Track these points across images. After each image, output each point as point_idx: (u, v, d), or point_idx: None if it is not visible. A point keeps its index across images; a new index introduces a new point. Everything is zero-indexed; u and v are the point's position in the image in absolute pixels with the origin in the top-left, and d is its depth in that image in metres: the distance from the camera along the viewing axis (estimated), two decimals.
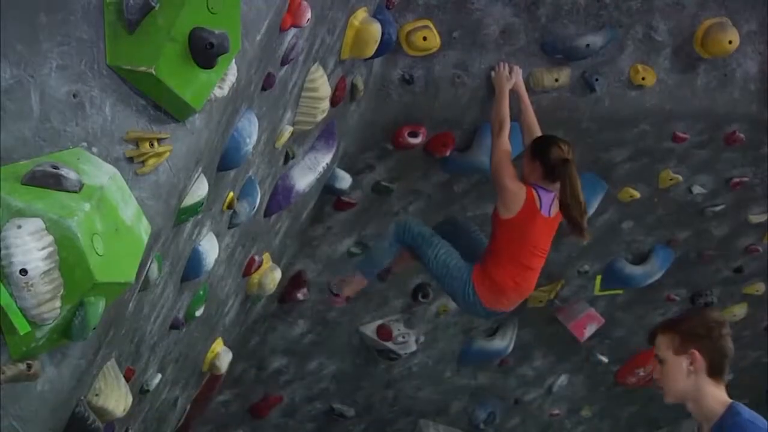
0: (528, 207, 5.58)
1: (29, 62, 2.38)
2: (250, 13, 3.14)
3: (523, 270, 5.76)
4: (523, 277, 5.80)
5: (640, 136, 6.60)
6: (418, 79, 5.75)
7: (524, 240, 5.69)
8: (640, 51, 6.07)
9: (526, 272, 5.79)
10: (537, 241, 5.73)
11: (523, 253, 5.71)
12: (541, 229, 5.70)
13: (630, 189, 7.23)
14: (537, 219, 5.62)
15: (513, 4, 5.70)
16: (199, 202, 3.32)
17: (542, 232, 5.73)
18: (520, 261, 5.72)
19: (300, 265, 6.81)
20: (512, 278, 5.76)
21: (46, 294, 2.28)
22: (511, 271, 5.74)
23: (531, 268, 5.80)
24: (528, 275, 5.82)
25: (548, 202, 5.63)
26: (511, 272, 5.74)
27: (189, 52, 2.72)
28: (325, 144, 5.36)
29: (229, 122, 3.44)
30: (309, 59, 4.38)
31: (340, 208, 6.50)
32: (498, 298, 5.84)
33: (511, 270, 5.73)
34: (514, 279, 5.77)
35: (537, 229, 5.68)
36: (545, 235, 5.76)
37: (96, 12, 2.57)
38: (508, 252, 5.71)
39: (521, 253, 5.71)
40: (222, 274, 4.67)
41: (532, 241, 5.71)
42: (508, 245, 5.71)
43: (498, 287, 5.78)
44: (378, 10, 5.18)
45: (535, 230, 5.68)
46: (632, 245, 8.00)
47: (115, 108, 2.66)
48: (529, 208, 5.58)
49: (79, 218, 2.31)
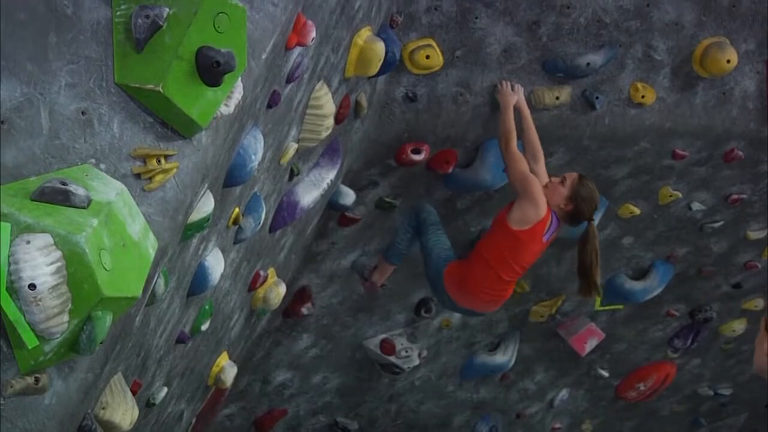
0: (537, 229, 5.61)
1: (39, 80, 2.39)
2: (256, 32, 3.15)
3: (499, 282, 5.82)
4: (497, 288, 5.87)
5: (640, 154, 6.60)
6: (421, 97, 5.76)
7: (517, 256, 5.73)
8: (640, 70, 6.09)
9: (501, 284, 5.85)
10: (527, 260, 5.80)
11: (507, 267, 5.76)
12: (536, 251, 5.77)
13: (630, 205, 7.23)
14: (537, 242, 5.67)
15: (515, 23, 5.72)
16: (205, 218, 3.32)
17: (535, 254, 5.80)
18: (499, 274, 5.77)
19: (304, 280, 6.81)
20: (485, 287, 5.84)
21: (54, 308, 2.28)
22: (486, 281, 5.80)
23: (507, 281, 5.86)
24: (503, 287, 5.89)
25: (553, 229, 5.71)
26: (486, 281, 5.80)
27: (196, 70, 2.74)
28: (330, 160, 5.37)
29: (235, 139, 3.45)
30: (314, 77, 4.39)
31: (344, 223, 6.50)
32: (468, 299, 5.93)
33: (488, 280, 5.80)
34: (487, 288, 5.84)
35: (533, 250, 5.74)
36: (535, 256, 5.84)
37: (105, 31, 2.58)
38: (494, 261, 5.75)
39: (505, 267, 5.75)
40: (227, 288, 4.67)
41: (523, 260, 5.77)
42: (498, 254, 5.74)
43: (467, 290, 5.87)
44: (382, 29, 5.20)
45: (531, 251, 5.74)
46: (632, 261, 7.99)
47: (123, 125, 2.67)
48: (538, 231, 5.62)
49: (87, 234, 2.32)
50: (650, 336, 9.01)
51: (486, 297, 5.93)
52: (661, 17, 5.95)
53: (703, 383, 10.07)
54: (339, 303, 7.15)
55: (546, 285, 7.85)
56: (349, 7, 4.46)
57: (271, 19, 3.23)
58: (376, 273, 6.67)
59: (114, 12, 2.61)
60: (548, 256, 7.45)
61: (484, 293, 5.89)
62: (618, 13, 5.85)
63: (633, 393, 9.53)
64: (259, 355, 7.09)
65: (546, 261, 7.54)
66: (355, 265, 6.86)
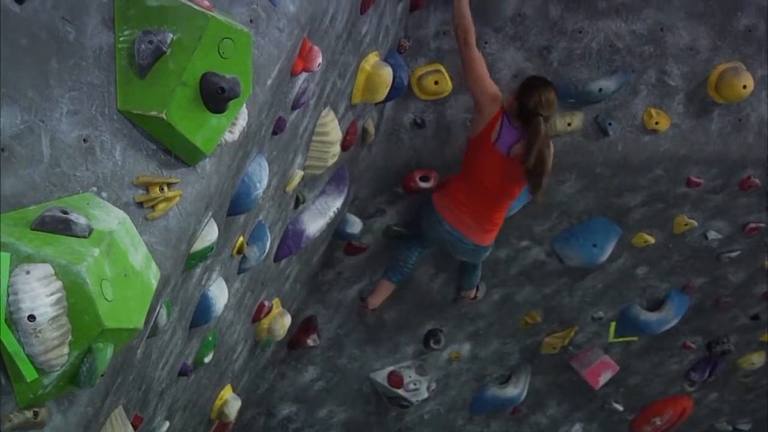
0: (485, 132, 5.52)
1: (40, 107, 2.40)
2: (261, 58, 3.17)
3: (475, 197, 5.76)
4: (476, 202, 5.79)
5: (654, 181, 6.59)
6: (430, 123, 5.78)
7: (475, 168, 5.67)
8: (654, 95, 6.09)
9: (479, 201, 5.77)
10: (486, 172, 5.66)
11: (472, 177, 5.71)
12: (492, 162, 5.59)
13: (644, 234, 7.22)
14: (488, 149, 5.54)
15: (525, 48, 5.74)
16: (209, 247, 3.33)
17: (493, 166, 5.61)
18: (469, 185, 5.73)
19: (310, 311, 6.80)
20: (465, 195, 5.78)
21: (54, 340, 2.28)
22: (464, 189, 5.77)
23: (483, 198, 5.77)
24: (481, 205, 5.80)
25: (509, 139, 5.52)
26: (464, 190, 5.77)
27: (200, 96, 2.75)
28: (336, 188, 5.38)
29: (240, 167, 3.46)
30: (320, 103, 4.41)
31: (351, 252, 6.50)
32: (452, 210, 5.86)
33: (465, 188, 5.76)
34: (468, 203, 5.79)
35: (488, 160, 5.58)
36: (497, 170, 5.63)
37: (107, 57, 2.60)
38: (464, 172, 5.73)
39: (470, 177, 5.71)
40: (231, 319, 4.67)
41: (483, 172, 5.66)
42: (465, 167, 5.72)
43: (451, 197, 5.83)
44: (389, 55, 5.22)
45: (486, 161, 5.60)
46: (647, 291, 7.96)
47: (125, 152, 2.68)
48: (486, 134, 5.53)
49: (88, 264, 2.32)
50: (666, 369, 8.96)
51: (469, 213, 5.84)
52: (675, 42, 5.97)
53: (721, 418, 10.00)
54: (345, 334, 7.14)
55: (558, 316, 7.82)
56: (356, 32, 4.48)
57: (276, 44, 3.25)
58: (373, 294, 6.59)
59: (117, 37, 2.62)
60: (559, 286, 7.45)
61: (468, 208, 5.82)
62: (631, 38, 5.87)
63: (648, 428, 9.47)
64: (264, 388, 7.07)
65: (558, 291, 7.52)
66: (362, 295, 6.85)
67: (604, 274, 7.52)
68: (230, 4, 3.01)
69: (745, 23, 6.05)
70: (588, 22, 5.78)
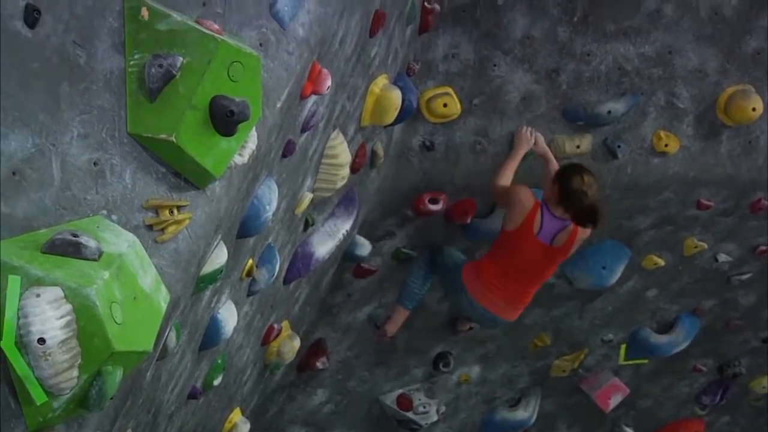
0: (526, 225, 5.54)
1: (51, 131, 2.42)
2: (271, 81, 3.18)
3: (509, 279, 5.81)
4: (509, 284, 5.84)
5: (664, 204, 6.59)
6: (439, 146, 5.79)
7: (515, 256, 5.70)
8: (663, 118, 6.10)
9: (512, 283, 5.83)
10: (527, 262, 5.72)
11: (511, 264, 5.74)
12: (534, 252, 5.65)
13: (654, 257, 7.20)
14: (530, 241, 5.59)
15: (534, 71, 5.75)
16: (219, 270, 3.33)
17: (534, 256, 5.68)
18: (506, 269, 5.77)
19: (319, 333, 6.79)
20: (498, 283, 5.81)
21: (64, 363, 2.28)
22: (498, 276, 5.79)
23: (515, 278, 5.82)
24: (515, 288, 5.86)
25: (552, 229, 5.57)
26: (498, 276, 5.79)
27: (210, 119, 2.76)
28: (345, 211, 5.38)
29: (249, 189, 3.46)
30: (329, 126, 4.42)
31: (360, 275, 6.49)
32: (481, 290, 5.88)
33: (499, 275, 5.79)
34: (500, 284, 5.81)
35: (530, 250, 5.64)
36: (539, 260, 5.72)
37: (118, 81, 2.61)
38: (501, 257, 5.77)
39: (509, 263, 5.74)
40: (240, 342, 4.66)
41: (522, 259, 5.71)
42: (501, 252, 5.77)
43: (483, 280, 5.84)
44: (398, 77, 5.24)
45: (528, 251, 5.65)
46: (657, 314, 7.94)
47: (135, 176, 2.69)
48: (526, 227, 5.55)
49: (98, 287, 2.32)
50: (677, 392, 8.91)
51: (501, 294, 5.88)
52: (683, 64, 5.98)
53: None
54: (355, 357, 7.12)
55: (568, 338, 7.80)
56: (365, 55, 4.49)
57: (285, 67, 3.27)
58: (389, 322, 6.63)
59: (127, 61, 2.64)
60: (569, 308, 7.43)
61: (498, 288, 5.85)
62: (639, 61, 5.88)
63: None
64: (273, 411, 7.06)
65: (567, 314, 7.50)
66: (371, 317, 6.85)
67: (614, 297, 7.50)
68: (240, 27, 3.03)
69: (753, 46, 6.06)
70: (596, 45, 5.79)
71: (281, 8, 3.18)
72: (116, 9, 2.60)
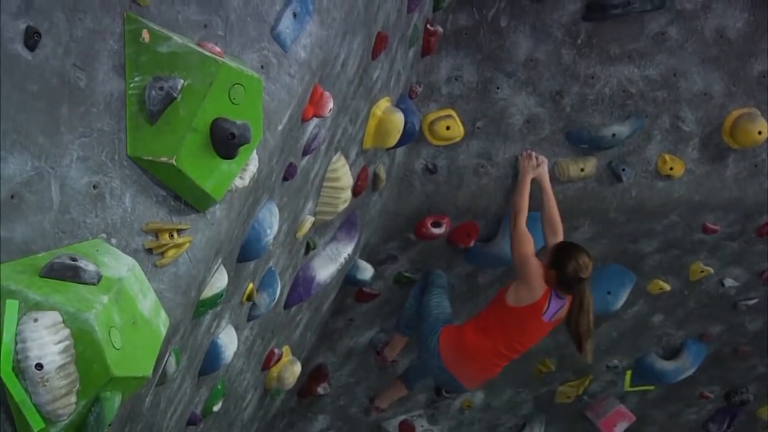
0: (535, 308, 5.59)
1: (50, 154, 2.42)
2: (272, 104, 3.19)
3: (495, 354, 5.79)
4: (492, 361, 5.84)
5: (670, 228, 6.59)
6: (442, 169, 5.80)
7: (514, 332, 5.71)
8: (668, 141, 6.11)
9: (496, 357, 5.82)
10: (524, 338, 5.77)
11: (504, 341, 5.74)
12: (535, 329, 5.73)
13: (660, 281, 7.20)
14: (536, 321, 5.64)
15: (537, 93, 5.77)
16: (219, 294, 3.33)
17: (534, 333, 5.77)
18: (496, 345, 5.74)
19: (320, 359, 6.78)
20: (480, 356, 5.79)
21: (62, 389, 2.28)
22: (483, 349, 5.76)
23: (504, 355, 5.82)
24: (496, 361, 5.86)
25: (555, 309, 5.63)
26: (483, 350, 5.76)
27: (210, 142, 2.76)
28: (347, 234, 5.39)
29: (250, 213, 3.47)
30: (331, 149, 4.43)
31: (362, 299, 6.49)
32: (459, 366, 5.85)
33: (484, 348, 5.76)
34: (482, 357, 5.79)
35: (531, 328, 5.71)
36: (535, 336, 5.80)
37: (118, 103, 2.62)
38: (491, 331, 5.73)
39: (503, 339, 5.73)
40: (241, 367, 4.65)
41: (522, 337, 5.75)
42: (495, 325, 5.73)
43: (462, 354, 5.80)
44: (401, 100, 5.25)
45: (529, 329, 5.72)
46: (663, 339, 7.92)
47: (135, 199, 2.69)
48: (535, 310, 5.60)
49: (97, 311, 2.32)
50: (684, 419, 8.88)
51: (477, 366, 5.88)
52: (689, 87, 5.99)
53: None
54: (356, 382, 7.11)
55: (572, 364, 7.78)
56: (368, 77, 4.51)
57: (287, 90, 3.27)
58: (388, 347, 6.63)
59: (127, 84, 2.65)
60: None
61: (478, 362, 5.84)
62: (644, 83, 5.90)
63: None
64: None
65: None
66: (373, 342, 6.84)
67: (619, 322, 7.49)
68: (241, 50, 3.04)
69: (759, 69, 6.08)
70: (600, 68, 5.81)
71: (283, 30, 3.20)
72: (117, 31, 2.61)
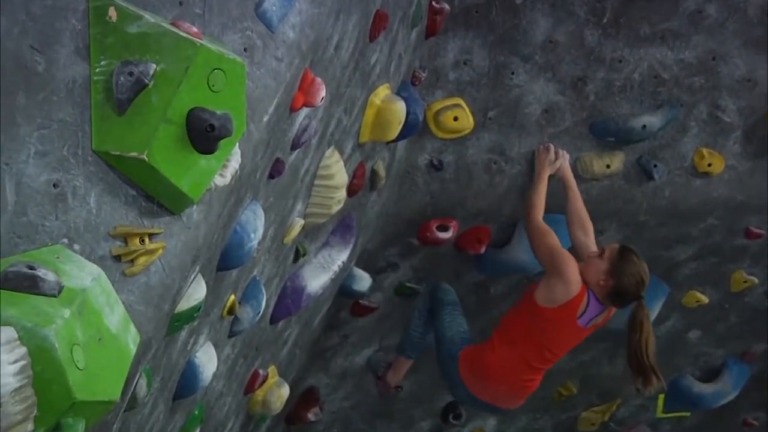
0: (570, 307, 5.52)
1: (4, 148, 2.42)
2: (257, 91, 3.20)
3: (524, 369, 5.74)
4: (522, 377, 5.78)
5: (708, 232, 6.59)
6: (449, 165, 5.80)
7: (546, 339, 5.66)
8: (706, 133, 6.11)
9: (527, 371, 5.76)
10: (558, 346, 5.72)
11: (535, 351, 5.68)
12: (569, 336, 5.68)
13: (696, 293, 7.20)
14: (570, 324, 5.58)
15: (557, 79, 5.77)
16: (196, 307, 3.33)
17: (569, 340, 5.72)
18: (526, 358, 5.69)
19: (311, 380, 6.79)
20: (508, 374, 5.74)
21: (17, 415, 2.28)
22: (509, 366, 5.70)
23: (535, 368, 5.77)
24: (529, 376, 5.80)
25: (594, 313, 5.57)
26: (509, 367, 5.71)
27: (186, 135, 2.76)
28: (341, 239, 5.40)
29: (231, 215, 3.47)
30: (323, 142, 4.43)
31: (358, 313, 6.50)
32: (486, 389, 5.82)
33: (511, 365, 5.70)
34: (510, 376, 5.74)
35: (565, 334, 5.65)
36: (570, 343, 5.76)
37: (81, 91, 2.62)
38: (519, 342, 5.67)
39: (533, 350, 5.68)
40: (221, 390, 4.66)
41: (555, 344, 5.70)
42: (523, 334, 5.67)
43: (486, 376, 5.77)
44: (402, 87, 5.26)
45: (563, 335, 5.66)
46: (700, 359, 7.93)
47: (100, 199, 2.69)
48: (571, 309, 5.52)
49: (58, 326, 2.32)
50: None
51: (508, 387, 5.84)
52: (729, 72, 5.99)
53: None
54: (352, 407, 7.12)
55: (597, 387, 7.79)
56: (365, 62, 4.52)
57: (274, 75, 3.28)
58: (390, 371, 6.60)
59: (92, 69, 2.65)
60: (599, 352, 7.42)
61: (507, 382, 5.79)
62: (679, 68, 5.90)
63: None
64: None
65: (596, 359, 7.49)
66: (370, 362, 6.83)
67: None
68: (221, 30, 3.04)
69: None
70: (629, 50, 5.81)
71: (269, 8, 3.20)
72: (80, 9, 2.61)
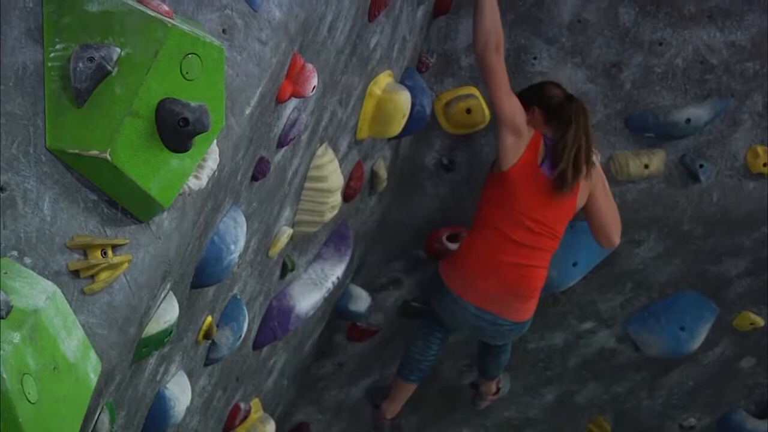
0: (526, 158, 5.54)
1: None
2: (238, 80, 3.20)
3: (508, 245, 5.67)
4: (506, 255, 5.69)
5: (763, 243, 6.60)
6: (460, 165, 5.81)
7: (517, 202, 5.61)
8: (761, 128, 6.11)
9: (513, 249, 5.68)
10: (534, 208, 5.64)
11: (511, 222, 5.64)
12: (535, 191, 5.61)
13: (750, 314, 7.20)
14: (536, 177, 5.57)
15: (587, 65, 5.78)
16: (167, 331, 3.34)
17: (537, 197, 5.63)
18: (505, 232, 5.65)
19: (301, 415, 6.79)
20: (489, 253, 5.69)
21: None
22: (491, 249, 5.68)
23: (519, 243, 5.68)
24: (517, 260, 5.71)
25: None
26: (491, 250, 5.68)
27: (156, 130, 2.77)
28: (336, 251, 5.40)
29: (208, 223, 3.48)
30: (315, 139, 4.44)
31: (355, 337, 6.50)
32: (468, 283, 5.75)
33: (493, 247, 5.67)
34: (495, 261, 5.68)
35: (534, 188, 5.60)
36: (542, 202, 5.65)
37: (33, 80, 2.62)
38: (495, 220, 5.67)
39: (509, 222, 5.64)
40: (195, 427, 4.66)
41: (529, 207, 5.63)
42: (497, 210, 5.66)
43: (469, 269, 5.75)
44: (407, 75, 5.26)
45: (532, 188, 5.60)
46: (755, 391, 7.93)
47: (56, 205, 2.70)
48: (528, 160, 5.54)
49: (6, 353, 2.33)
50: None
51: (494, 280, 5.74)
52: None
53: None
54: None
55: (635, 422, 7.79)
56: (363, 45, 4.52)
57: (257, 61, 3.29)
58: (388, 399, 6.55)
59: (46, 54, 2.65)
60: (635, 383, 7.42)
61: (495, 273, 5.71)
62: (729, 52, 5.90)
63: None
64: None
65: (634, 390, 7.50)
66: (369, 393, 6.83)
67: (697, 368, 7.50)
68: (197, 8, 3.05)
69: None
70: (671, 31, 5.82)
71: None
72: None
